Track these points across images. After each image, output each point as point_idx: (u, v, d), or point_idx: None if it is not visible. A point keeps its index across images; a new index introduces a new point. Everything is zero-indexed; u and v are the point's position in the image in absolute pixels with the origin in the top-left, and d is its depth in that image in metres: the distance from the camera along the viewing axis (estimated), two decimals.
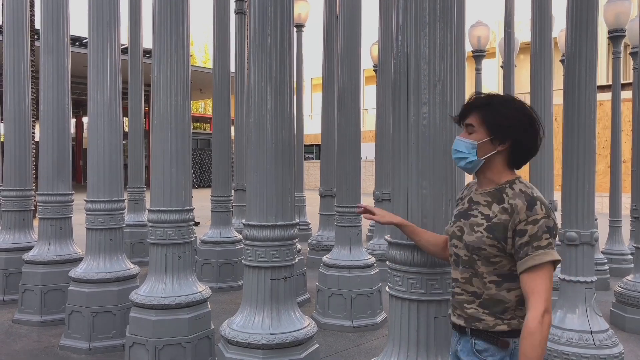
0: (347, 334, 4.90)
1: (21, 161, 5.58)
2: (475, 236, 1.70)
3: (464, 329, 1.76)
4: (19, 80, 5.54)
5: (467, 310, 1.74)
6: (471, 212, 1.77)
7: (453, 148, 1.79)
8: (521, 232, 1.62)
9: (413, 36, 2.30)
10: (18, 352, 4.26)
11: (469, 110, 1.76)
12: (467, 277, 1.75)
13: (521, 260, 1.63)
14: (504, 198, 1.69)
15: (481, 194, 1.78)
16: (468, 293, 1.75)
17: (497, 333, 1.69)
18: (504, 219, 1.65)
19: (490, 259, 1.68)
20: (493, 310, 1.70)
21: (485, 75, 10.04)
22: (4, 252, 5.56)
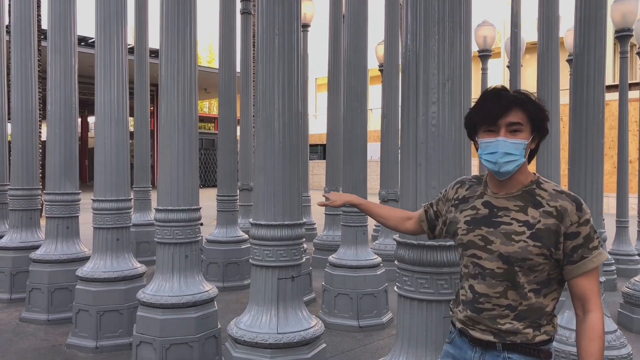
0: (353, 333, 4.89)
1: (28, 160, 5.60)
2: (518, 246, 1.54)
3: (494, 344, 1.60)
4: (26, 80, 5.56)
5: (502, 326, 1.59)
6: (498, 219, 1.60)
7: (500, 151, 1.54)
8: (573, 235, 1.53)
9: (422, 35, 2.30)
10: (25, 350, 4.27)
11: (511, 106, 1.55)
12: (502, 291, 1.59)
13: (576, 264, 1.54)
14: (540, 201, 1.57)
15: (506, 198, 1.62)
16: (502, 307, 1.59)
17: (536, 344, 1.58)
18: (552, 224, 1.53)
19: (534, 268, 1.55)
20: (531, 320, 1.58)
21: (490, 76, 10.01)
22: (11, 251, 5.59)
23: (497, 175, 1.60)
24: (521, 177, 1.61)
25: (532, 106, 1.57)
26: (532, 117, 1.57)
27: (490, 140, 1.57)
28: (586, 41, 3.60)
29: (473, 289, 1.64)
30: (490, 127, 1.57)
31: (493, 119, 1.56)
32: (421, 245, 2.35)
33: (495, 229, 1.60)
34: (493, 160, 1.56)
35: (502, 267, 1.58)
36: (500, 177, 1.60)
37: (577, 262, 1.54)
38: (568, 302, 3.69)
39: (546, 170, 5.67)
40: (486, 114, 1.57)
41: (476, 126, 1.62)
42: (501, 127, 1.56)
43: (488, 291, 1.60)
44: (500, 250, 1.57)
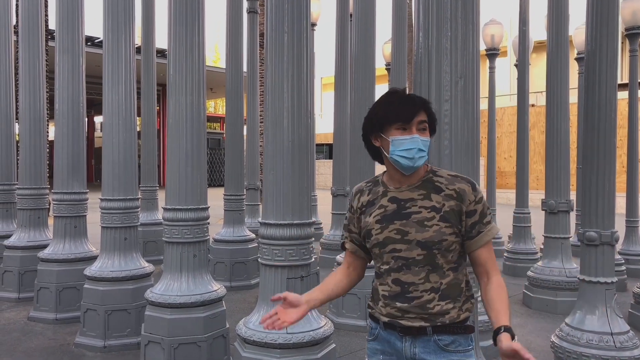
0: (361, 333, 4.86)
1: (36, 160, 5.61)
2: (433, 230, 1.68)
3: (424, 329, 1.70)
4: (33, 80, 5.57)
5: (431, 309, 1.69)
6: (408, 210, 1.71)
7: (415, 148, 1.66)
8: (472, 213, 1.70)
9: (434, 33, 2.28)
10: (34, 349, 4.28)
11: (421, 107, 1.71)
12: (424, 276, 1.70)
13: (475, 239, 1.71)
14: (439, 186, 1.72)
15: (410, 189, 1.74)
16: (427, 291, 1.70)
17: (462, 321, 1.73)
18: (455, 205, 1.69)
19: (449, 248, 1.70)
20: (453, 296, 1.71)
21: (497, 74, 9.96)
22: (19, 250, 5.60)
23: (406, 171, 1.71)
24: (421, 170, 1.76)
25: (431, 109, 1.75)
26: (432, 118, 1.74)
27: (406, 138, 1.67)
28: (598, 39, 3.56)
29: (399, 281, 1.72)
30: (404, 125, 1.68)
31: (408, 117, 1.67)
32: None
33: (408, 220, 1.70)
34: (409, 156, 1.67)
35: (421, 253, 1.69)
36: (409, 172, 1.71)
37: (476, 237, 1.70)
38: (578, 302, 3.66)
39: (555, 170, 5.63)
40: (402, 112, 1.67)
41: (384, 125, 1.70)
42: (413, 125, 1.68)
43: (414, 279, 1.70)
44: (417, 238, 1.68)
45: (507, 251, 7.78)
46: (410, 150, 1.66)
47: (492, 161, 9.20)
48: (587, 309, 3.57)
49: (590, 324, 3.51)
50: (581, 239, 3.62)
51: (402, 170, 1.70)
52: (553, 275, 5.67)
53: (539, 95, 21.21)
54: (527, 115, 7.79)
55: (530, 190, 9.75)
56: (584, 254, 3.63)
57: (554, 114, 5.60)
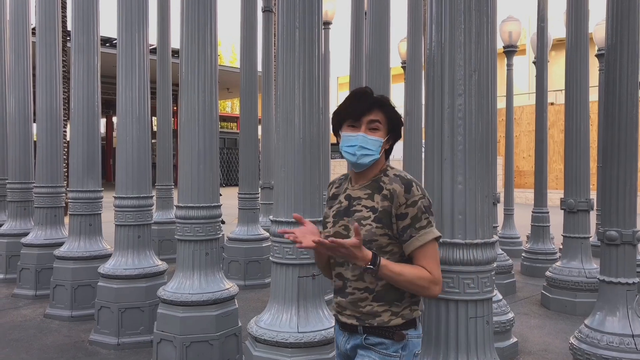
0: None
1: (53, 159, 5.66)
2: (366, 229, 1.69)
3: (356, 327, 1.74)
4: (50, 80, 5.62)
5: (362, 308, 1.71)
6: (353, 208, 1.76)
7: (358, 145, 1.71)
8: (402, 216, 1.68)
9: (448, 25, 2.22)
10: (49, 346, 4.31)
11: (373, 106, 1.73)
12: (358, 274, 1.71)
13: (406, 243, 1.69)
14: (382, 186, 1.73)
15: (359, 188, 1.78)
16: (360, 290, 1.72)
17: (392, 327, 1.71)
18: (387, 206, 1.69)
19: (383, 249, 1.69)
20: (388, 300, 1.70)
21: (516, 72, 9.80)
22: (36, 248, 5.66)
23: (354, 167, 1.77)
24: (374, 171, 1.78)
25: (390, 109, 1.75)
26: (390, 119, 1.75)
27: (351, 135, 1.73)
28: (619, 32, 3.46)
29: (341, 276, 1.77)
30: (354, 122, 1.73)
31: (357, 115, 1.72)
32: (447, 243, 2.27)
33: (351, 217, 1.75)
34: (352, 152, 1.72)
35: None
36: (357, 168, 1.76)
37: (407, 241, 1.69)
38: (598, 303, 3.56)
39: (574, 168, 5.50)
40: (352, 110, 1.72)
41: (341, 121, 1.77)
42: (363, 123, 1.72)
43: (349, 276, 1.74)
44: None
45: (525, 251, 7.65)
46: (352, 147, 1.71)
47: (510, 160, 9.06)
48: (608, 310, 3.47)
49: (610, 325, 3.41)
50: (601, 238, 3.52)
51: (350, 166, 1.77)
52: (572, 275, 5.55)
53: (558, 93, 20.87)
54: (545, 114, 7.65)
55: (550, 190, 9.57)
56: (604, 254, 3.53)
57: (573, 112, 5.48)
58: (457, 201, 2.24)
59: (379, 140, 1.72)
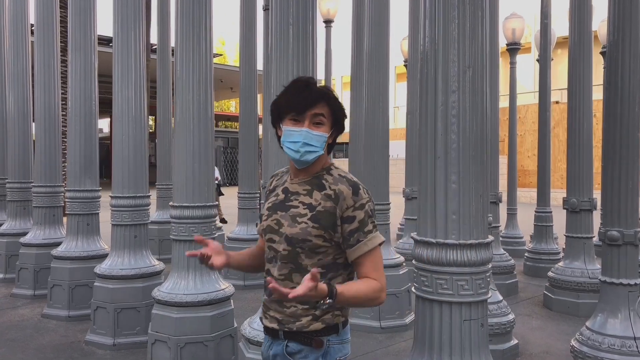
0: (374, 334, 4.76)
1: (51, 158, 5.64)
2: (300, 227, 1.61)
3: (277, 332, 1.67)
4: (49, 79, 5.60)
5: (286, 309, 1.63)
6: (289, 203, 1.67)
7: (302, 141, 1.60)
8: (349, 219, 1.60)
9: (441, 20, 2.16)
10: (45, 346, 4.28)
11: (318, 99, 1.62)
12: (287, 273, 1.63)
13: (353, 248, 1.61)
14: (324, 184, 1.64)
15: (298, 183, 1.69)
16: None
17: (311, 333, 1.62)
18: (330, 207, 1.60)
19: (315, 250, 1.61)
20: (313, 304, 1.59)
21: (521, 71, 9.71)
22: (35, 248, 5.64)
23: (296, 164, 1.66)
24: (317, 166, 1.68)
25: (335, 102, 1.65)
26: (334, 112, 1.64)
27: (295, 130, 1.61)
28: (621, 30, 3.39)
29: (269, 273, 1.69)
30: (297, 116, 1.62)
31: (302, 109, 1.60)
32: (440, 244, 2.21)
33: (286, 213, 1.66)
34: (295, 148, 1.61)
35: (287, 248, 1.62)
36: (300, 165, 1.65)
37: (354, 246, 1.60)
38: (599, 305, 3.50)
39: (578, 168, 5.43)
40: (296, 103, 1.61)
41: (281, 114, 1.66)
42: (307, 118, 1.61)
43: (276, 274, 1.65)
44: (286, 232, 1.62)
45: (528, 251, 7.58)
46: (296, 143, 1.60)
47: (513, 159, 8.98)
48: (609, 312, 3.40)
49: (612, 327, 3.35)
50: (602, 239, 3.46)
51: (293, 162, 1.66)
52: (575, 276, 5.48)
53: (563, 92, 20.72)
54: (549, 112, 7.57)
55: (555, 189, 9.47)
56: (606, 254, 3.46)
57: (576, 110, 5.41)
58: (450, 200, 2.19)
59: (324, 135, 1.62)
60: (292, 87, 1.63)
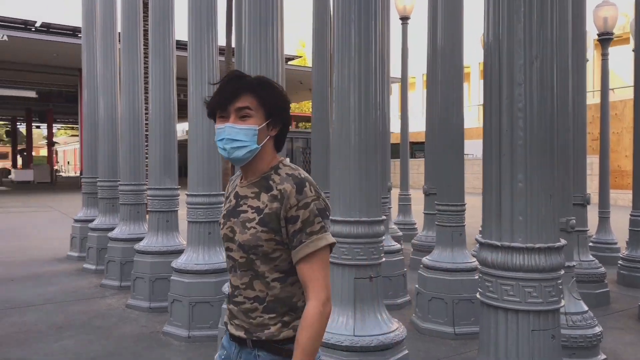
0: (447, 340, 4.59)
1: (135, 158, 6.00)
2: (250, 233, 1.53)
3: (244, 340, 1.57)
4: (133, 82, 5.95)
5: (252, 320, 1.56)
6: (239, 208, 1.59)
7: (226, 137, 1.52)
8: (293, 219, 1.49)
9: (506, 7, 2.02)
10: (126, 335, 4.54)
11: (240, 91, 1.52)
12: (247, 282, 1.56)
13: (296, 249, 1.50)
14: (272, 185, 1.54)
15: (247, 186, 1.60)
16: (250, 299, 1.56)
17: (282, 341, 1.54)
18: (275, 207, 1.51)
19: (270, 255, 1.52)
20: (280, 312, 1.54)
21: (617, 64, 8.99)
22: (121, 242, 6.01)
23: (233, 163, 1.58)
24: (262, 164, 1.58)
25: (264, 91, 1.54)
26: (264, 102, 1.53)
27: (220, 127, 1.54)
28: None
29: (231, 283, 1.63)
30: (222, 112, 1.54)
31: (224, 104, 1.53)
32: (506, 247, 2.08)
33: (237, 219, 1.58)
34: (222, 146, 1.54)
35: (243, 256, 1.55)
36: (236, 163, 1.58)
37: (297, 247, 1.49)
38: None
39: None
40: (218, 100, 1.54)
41: (212, 113, 1.58)
42: (231, 113, 1.53)
43: (239, 283, 1.58)
44: (239, 239, 1.55)
45: (622, 258, 6.98)
46: (221, 140, 1.53)
47: (606, 159, 8.34)
48: None
49: None
50: None
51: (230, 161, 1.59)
52: None
53: None
54: None
55: None
56: None
57: None
58: (516, 201, 2.05)
59: (251, 128, 1.51)
60: (219, 83, 1.57)
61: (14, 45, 17.66)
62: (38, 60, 19.81)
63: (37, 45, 18.11)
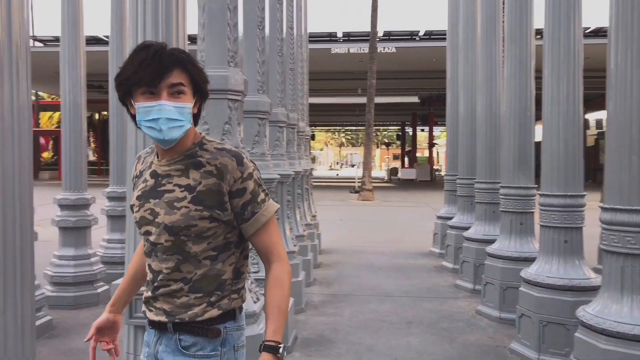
0: None
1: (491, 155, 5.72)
2: (180, 213, 1.43)
3: (165, 324, 1.48)
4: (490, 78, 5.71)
5: (177, 300, 1.47)
6: (162, 188, 1.48)
7: (164, 117, 1.39)
8: (240, 192, 1.46)
9: None
10: (470, 344, 4.26)
11: (173, 66, 1.39)
12: (173, 266, 1.46)
13: (249, 221, 1.48)
14: (201, 161, 1.46)
15: (168, 164, 1.49)
16: (176, 281, 1.47)
17: (205, 322, 1.46)
18: (213, 183, 1.44)
19: (203, 235, 1.44)
20: (207, 291, 1.47)
21: None
22: (475, 243, 5.77)
23: (161, 144, 1.46)
24: (187, 141, 1.49)
25: (193, 67, 1.45)
26: (193, 79, 1.45)
27: (151, 105, 1.40)
28: None
29: (151, 268, 1.52)
30: (150, 89, 1.40)
31: (154, 80, 1.39)
32: None
33: (160, 200, 1.48)
34: (157, 127, 1.41)
35: (169, 239, 1.46)
36: (165, 145, 1.46)
37: (250, 219, 1.48)
38: None
39: None
40: (145, 74, 1.38)
41: (131, 89, 1.42)
42: (163, 89, 1.40)
43: (161, 267, 1.48)
44: (165, 221, 1.45)
45: None
46: (157, 120, 1.40)
47: None
48: None
49: None
50: None
51: (157, 142, 1.47)
52: None
53: None
54: None
55: None
56: None
57: None
58: None
59: (187, 106, 1.43)
60: (137, 56, 1.40)
61: (400, 55, 19.84)
62: (420, 67, 21.73)
63: (420, 54, 19.83)
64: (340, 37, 20.74)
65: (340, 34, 20.77)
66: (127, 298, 1.73)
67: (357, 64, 20.26)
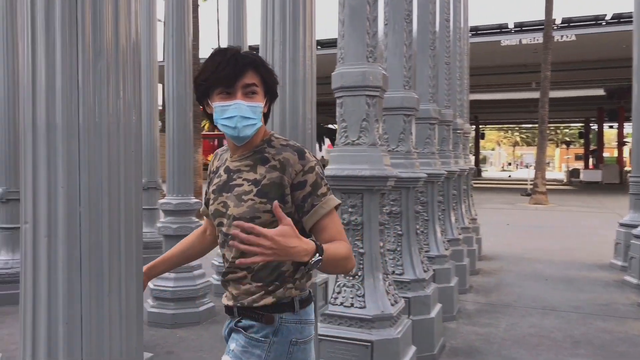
0: None
1: None
2: (247, 205, 1.51)
3: (232, 309, 1.60)
4: None
5: (242, 286, 1.56)
6: (233, 182, 1.57)
7: (238, 115, 1.49)
8: (301, 184, 1.50)
9: None
10: None
11: (247, 68, 1.50)
12: (239, 255, 1.51)
13: (309, 214, 1.51)
14: (267, 157, 1.54)
15: (239, 160, 1.59)
16: (242, 269, 1.55)
17: (261, 308, 1.54)
18: (276, 177, 1.50)
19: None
20: (267, 280, 1.54)
21: None
22: None
23: (235, 141, 1.57)
24: (256, 139, 1.58)
25: (264, 69, 1.55)
26: (265, 80, 1.55)
27: (227, 104, 1.51)
28: None
29: (225, 258, 1.62)
30: (227, 89, 1.51)
31: (230, 81, 1.50)
32: None
33: (230, 193, 1.57)
34: (232, 125, 1.51)
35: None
36: (239, 142, 1.56)
37: (310, 211, 1.51)
38: None
39: None
40: (223, 76, 1.50)
41: (208, 90, 1.54)
42: (238, 89, 1.51)
43: (231, 256, 1.58)
44: (234, 213, 1.54)
45: None
46: (232, 118, 1.50)
47: None
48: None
49: None
50: None
51: (231, 139, 1.57)
52: None
53: None
54: None
55: None
56: None
57: None
58: None
59: (259, 105, 1.52)
60: (216, 58, 1.51)
61: (582, 43, 17.84)
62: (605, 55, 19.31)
63: (606, 40, 17.61)
64: (512, 28, 19.38)
65: (511, 25, 19.42)
66: (163, 268, 1.81)
67: (531, 56, 18.74)
